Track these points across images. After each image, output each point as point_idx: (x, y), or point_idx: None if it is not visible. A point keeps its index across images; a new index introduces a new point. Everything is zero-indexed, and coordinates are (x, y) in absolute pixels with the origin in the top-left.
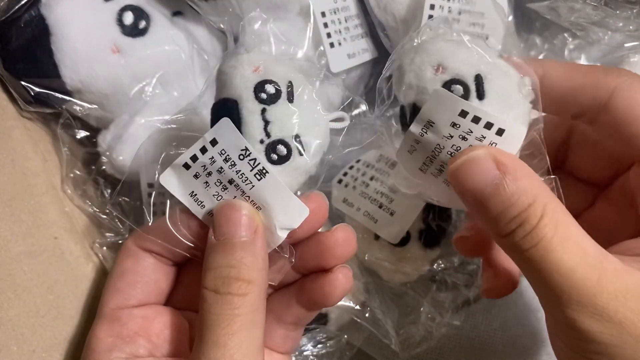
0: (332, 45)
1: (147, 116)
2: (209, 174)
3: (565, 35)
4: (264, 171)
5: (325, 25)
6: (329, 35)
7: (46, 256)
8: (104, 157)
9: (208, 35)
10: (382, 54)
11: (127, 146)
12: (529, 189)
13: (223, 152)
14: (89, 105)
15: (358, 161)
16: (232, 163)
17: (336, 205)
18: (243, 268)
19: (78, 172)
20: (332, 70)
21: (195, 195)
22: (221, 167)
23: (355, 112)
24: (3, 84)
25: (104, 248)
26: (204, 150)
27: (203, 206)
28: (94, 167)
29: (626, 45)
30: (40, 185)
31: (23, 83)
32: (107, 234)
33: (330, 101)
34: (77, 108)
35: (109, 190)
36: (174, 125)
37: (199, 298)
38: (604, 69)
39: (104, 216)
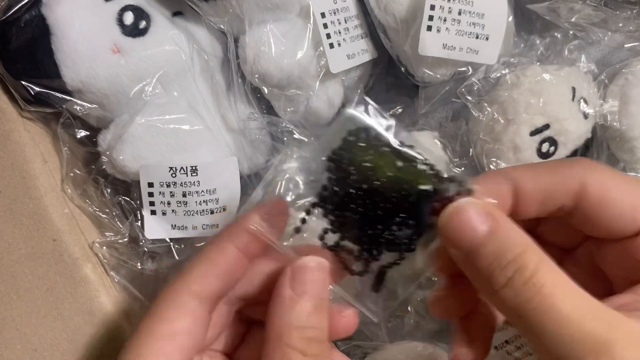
0: (331, 45)
1: (147, 116)
2: None
3: (566, 35)
4: None
5: (325, 25)
6: (328, 35)
7: (45, 258)
8: (104, 157)
9: (208, 36)
10: (381, 55)
11: (127, 146)
12: (519, 237)
13: None
14: (89, 105)
15: None
16: None
17: None
18: None
19: (78, 172)
20: (332, 70)
21: None
22: None
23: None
24: (3, 84)
25: (104, 248)
26: None
27: None
28: (94, 167)
29: (626, 45)
30: (40, 188)
31: (23, 83)
32: (107, 234)
33: (331, 101)
34: (78, 108)
35: (108, 190)
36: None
37: None
38: (568, 162)
39: (104, 215)
